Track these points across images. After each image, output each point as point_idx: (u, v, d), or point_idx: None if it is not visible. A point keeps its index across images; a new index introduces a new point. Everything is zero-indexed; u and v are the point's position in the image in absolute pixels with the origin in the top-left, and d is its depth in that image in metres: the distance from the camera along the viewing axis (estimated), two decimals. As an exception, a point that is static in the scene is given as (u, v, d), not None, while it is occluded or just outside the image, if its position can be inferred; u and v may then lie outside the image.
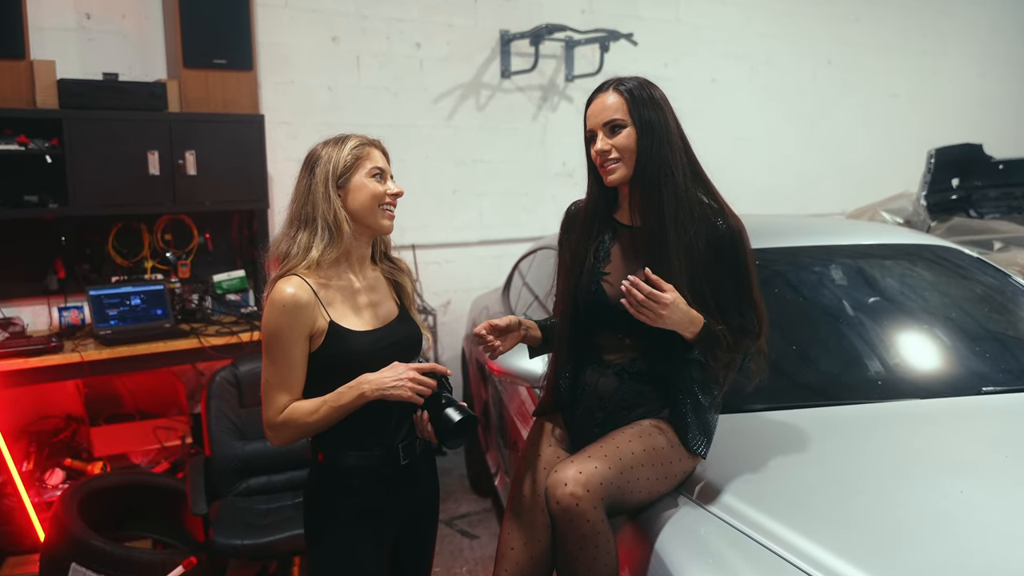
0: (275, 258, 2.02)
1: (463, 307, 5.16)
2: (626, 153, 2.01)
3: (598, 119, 2.03)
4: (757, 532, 1.80)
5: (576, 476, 1.87)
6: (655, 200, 1.99)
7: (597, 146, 2.03)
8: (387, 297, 2.11)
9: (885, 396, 2.49)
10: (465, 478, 4.73)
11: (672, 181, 1.99)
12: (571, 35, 5.53)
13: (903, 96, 7.56)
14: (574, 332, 2.16)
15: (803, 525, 1.79)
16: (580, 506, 1.84)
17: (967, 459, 2.11)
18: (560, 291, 2.21)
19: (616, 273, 2.09)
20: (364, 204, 1.98)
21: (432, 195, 5.30)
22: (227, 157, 4.32)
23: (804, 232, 3.34)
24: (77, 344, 3.94)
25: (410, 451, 2.08)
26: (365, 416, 1.97)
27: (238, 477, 3.45)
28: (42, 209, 4.00)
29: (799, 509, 1.87)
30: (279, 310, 1.91)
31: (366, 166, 1.99)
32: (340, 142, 2.01)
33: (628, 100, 2.00)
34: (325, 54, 4.91)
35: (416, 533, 2.19)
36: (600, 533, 1.86)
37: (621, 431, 2.02)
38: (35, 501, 3.81)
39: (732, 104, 6.50)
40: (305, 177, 2.00)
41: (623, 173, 2.03)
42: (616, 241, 2.13)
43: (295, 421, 1.94)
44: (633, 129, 2.00)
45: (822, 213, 6.89)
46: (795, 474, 2.03)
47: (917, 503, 1.88)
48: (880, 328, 2.84)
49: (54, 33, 4.21)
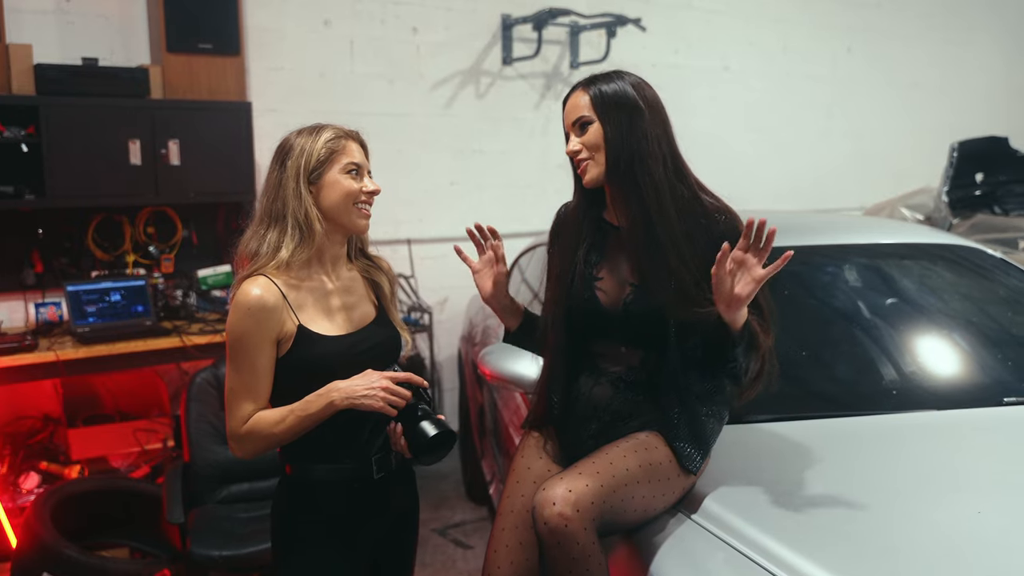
0: (244, 256, 1.89)
1: (460, 304, 4.97)
2: (596, 150, 1.92)
3: (569, 119, 1.97)
4: (759, 554, 1.67)
5: (565, 495, 1.75)
6: (633, 194, 1.89)
7: (568, 146, 1.96)
8: (363, 299, 1.98)
9: (899, 407, 2.36)
10: (461, 484, 4.55)
11: (647, 173, 1.87)
12: (576, 20, 5.32)
13: (926, 86, 7.32)
14: (568, 342, 2.03)
15: (808, 547, 1.66)
16: (569, 527, 1.73)
17: (985, 476, 1.98)
18: (549, 299, 2.08)
19: (609, 279, 1.99)
20: (337, 203, 1.86)
21: (429, 187, 5.11)
22: (212, 146, 4.15)
23: (816, 230, 3.18)
24: (53, 342, 3.79)
25: (385, 464, 1.95)
26: (336, 426, 1.84)
27: (218, 484, 3.32)
28: (18, 200, 3.84)
29: (804, 529, 1.75)
30: (243, 312, 1.79)
31: (341, 161, 1.86)
32: (314, 132, 1.87)
33: (594, 95, 1.92)
34: (316, 39, 4.71)
35: (393, 550, 2.06)
36: (591, 556, 1.75)
37: (615, 445, 1.89)
38: (8, 506, 3.67)
39: (746, 93, 6.29)
40: (276, 170, 1.87)
41: (596, 172, 1.93)
42: (607, 244, 2.02)
43: (260, 432, 1.82)
44: (598, 124, 1.90)
45: (840, 208, 6.69)
46: (801, 491, 1.90)
47: (931, 524, 1.76)
48: (895, 333, 2.70)
49: (31, 16, 4.04)
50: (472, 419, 4.19)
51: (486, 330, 3.93)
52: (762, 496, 1.88)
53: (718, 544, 1.74)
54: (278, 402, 1.84)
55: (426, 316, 4.91)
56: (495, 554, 1.95)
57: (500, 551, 1.94)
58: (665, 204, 1.88)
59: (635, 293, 1.93)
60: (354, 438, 1.89)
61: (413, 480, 2.10)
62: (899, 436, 2.18)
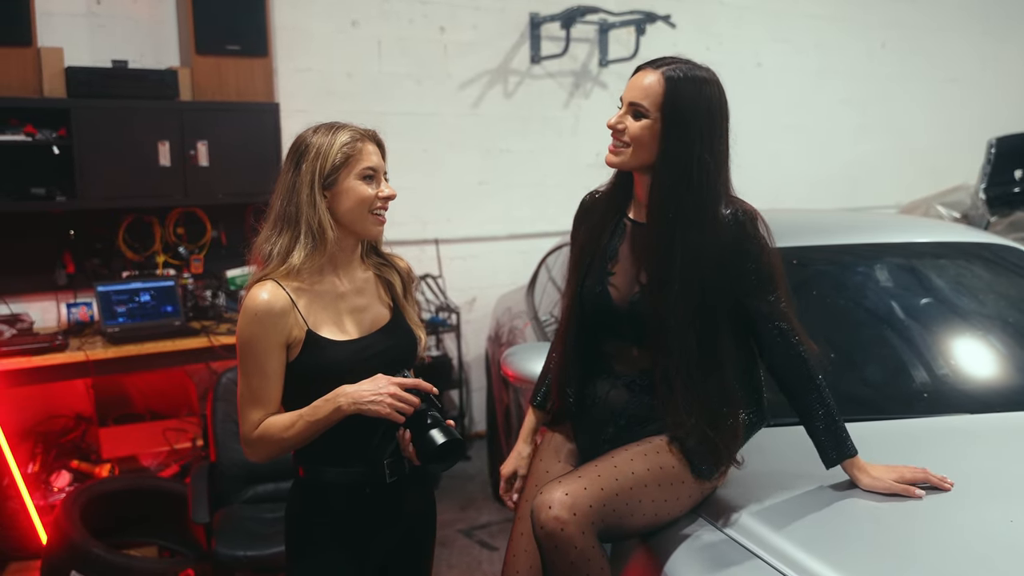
0: (258, 259, 1.86)
1: (489, 305, 4.95)
2: (636, 144, 1.83)
3: (628, 94, 1.85)
4: (781, 561, 1.62)
5: (562, 499, 1.72)
6: (670, 203, 1.82)
7: (612, 119, 1.86)
8: (376, 301, 1.94)
9: (931, 410, 2.29)
10: (488, 485, 4.53)
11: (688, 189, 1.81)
12: (605, 17, 5.27)
13: (964, 80, 7.18)
14: (578, 336, 2.00)
15: (832, 554, 1.61)
16: (566, 531, 1.69)
17: (1020, 483, 1.90)
18: (566, 286, 2.04)
19: (622, 275, 1.93)
20: (352, 209, 1.82)
21: (457, 187, 5.09)
22: (240, 147, 4.17)
23: (848, 229, 3.12)
24: (84, 342, 3.83)
25: (398, 468, 1.91)
26: (348, 430, 1.82)
27: (244, 484, 3.32)
28: (50, 202, 3.89)
29: (826, 536, 1.69)
30: (251, 318, 1.77)
31: (357, 166, 1.82)
32: (331, 132, 1.82)
33: (666, 90, 1.80)
34: (344, 39, 4.72)
35: (407, 554, 2.03)
36: (590, 560, 1.71)
37: (624, 448, 1.85)
38: (40, 504, 3.71)
39: (779, 90, 6.21)
40: (291, 171, 1.82)
41: (624, 160, 1.86)
42: (625, 239, 1.95)
43: (271, 437, 1.79)
44: (654, 124, 1.81)
45: (876, 206, 6.59)
46: (826, 496, 1.84)
47: (960, 532, 1.69)
48: (928, 334, 2.63)
49: (63, 19, 4.09)
50: (499, 420, 4.17)
51: (512, 330, 3.90)
52: (786, 501, 1.83)
53: (737, 549, 1.70)
54: (290, 407, 1.82)
55: (454, 316, 4.90)
56: (514, 558, 1.93)
57: (519, 555, 1.92)
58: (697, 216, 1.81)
59: (642, 292, 1.88)
60: (365, 442, 1.87)
61: (430, 483, 2.07)
62: (930, 441, 2.12)
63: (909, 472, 1.82)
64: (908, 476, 1.82)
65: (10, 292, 4.03)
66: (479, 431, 5.17)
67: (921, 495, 1.78)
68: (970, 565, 1.58)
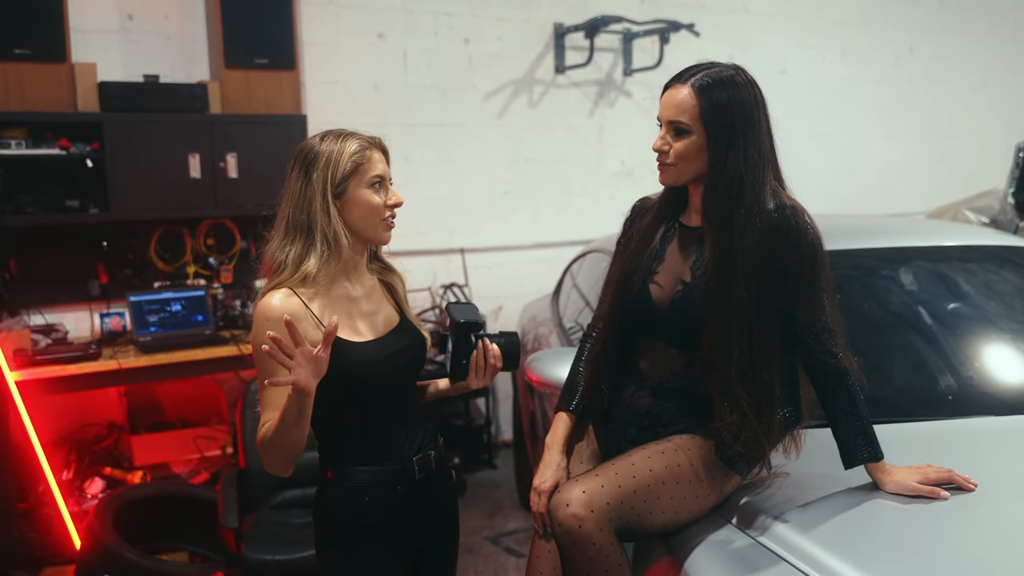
0: (269, 268, 1.87)
1: (515, 313, 4.96)
2: (682, 161, 1.86)
3: (664, 113, 1.87)
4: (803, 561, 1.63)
5: (579, 496, 1.74)
6: (724, 216, 1.83)
7: (656, 142, 1.88)
8: (384, 303, 1.98)
9: (956, 412, 2.29)
10: (515, 493, 4.54)
11: (742, 196, 1.81)
12: (629, 27, 5.30)
13: (993, 85, 7.11)
14: (619, 334, 2.01)
15: (854, 555, 1.61)
16: (583, 528, 1.72)
17: None
18: (607, 285, 2.06)
19: (666, 274, 1.94)
20: (363, 218, 1.85)
21: (482, 196, 5.13)
22: (269, 159, 4.21)
23: (875, 233, 3.12)
24: (116, 351, 3.89)
25: (425, 464, 1.95)
26: (376, 430, 1.87)
27: (273, 490, 3.34)
28: (83, 214, 3.98)
29: (851, 537, 1.69)
30: (263, 326, 1.77)
31: (366, 174, 1.84)
32: (339, 140, 1.84)
33: (700, 102, 1.81)
34: (370, 52, 4.78)
35: (437, 548, 2.07)
36: (609, 557, 1.73)
37: (643, 447, 1.86)
38: (74, 511, 3.77)
39: (804, 98, 6.18)
40: (299, 180, 1.83)
41: (675, 177, 1.89)
42: (674, 241, 1.97)
43: (264, 440, 1.78)
44: (698, 137, 1.83)
45: (905, 212, 6.52)
46: (850, 499, 1.84)
47: (985, 532, 1.69)
48: (954, 338, 2.61)
49: (96, 35, 4.18)
50: (524, 427, 4.18)
51: (537, 338, 3.92)
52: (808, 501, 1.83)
53: (758, 549, 1.70)
54: (316, 420, 1.82)
55: (480, 325, 4.92)
56: (537, 560, 1.94)
57: (542, 556, 1.93)
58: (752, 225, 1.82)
59: (685, 290, 1.89)
60: (392, 440, 1.90)
61: (451, 478, 2.11)
62: (955, 442, 2.12)
63: (934, 472, 1.82)
64: (933, 476, 1.81)
65: (45, 302, 4.12)
66: (506, 439, 5.18)
67: (946, 496, 1.77)
68: (996, 565, 1.57)
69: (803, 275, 1.84)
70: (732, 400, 1.81)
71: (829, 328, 1.84)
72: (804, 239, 1.83)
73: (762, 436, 1.82)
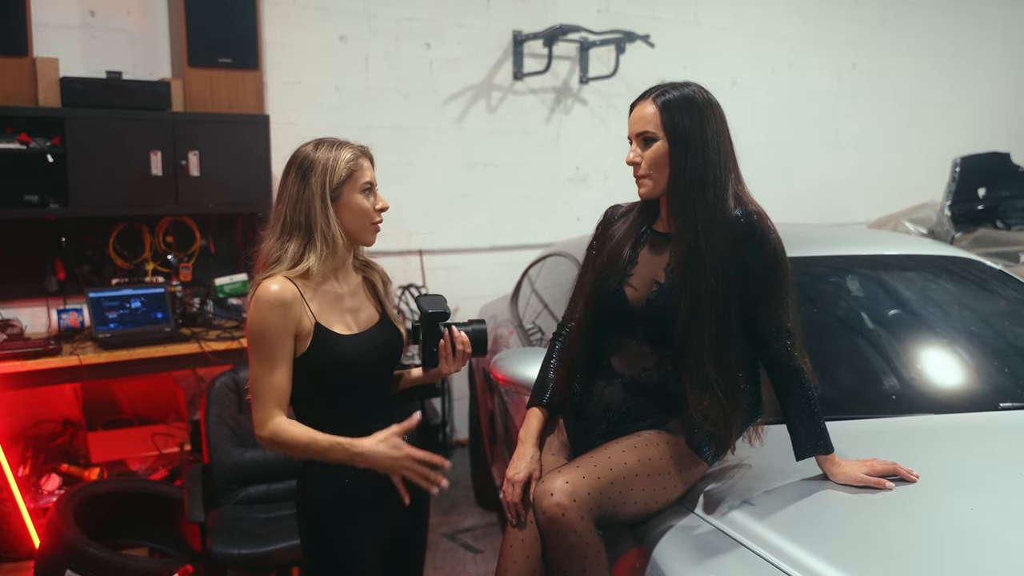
0: (263, 262, 2.01)
1: (472, 314, 5.03)
2: (655, 168, 1.99)
3: (633, 128, 2.02)
4: (760, 546, 1.75)
5: (563, 486, 1.85)
6: (689, 215, 1.96)
7: (629, 156, 2.02)
8: (366, 301, 2.12)
9: (899, 411, 2.43)
10: (471, 491, 4.62)
11: (704, 198, 1.95)
12: (586, 36, 5.42)
13: (931, 102, 7.39)
14: (592, 334, 2.12)
15: (807, 539, 1.74)
16: (566, 516, 1.82)
17: (979, 476, 2.04)
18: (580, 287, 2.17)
19: (640, 278, 2.06)
20: (354, 221, 2.01)
21: (440, 199, 5.20)
22: (231, 158, 4.25)
23: (822, 241, 3.25)
24: (76, 347, 3.87)
25: None
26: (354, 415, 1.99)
27: (237, 485, 3.39)
28: (43, 209, 3.95)
29: (804, 523, 1.83)
30: (265, 307, 1.90)
31: (359, 181, 2.00)
32: (333, 148, 1.99)
33: (663, 111, 1.97)
34: (333, 54, 4.83)
35: (408, 536, 2.19)
36: (589, 544, 1.84)
37: (617, 441, 1.99)
38: (31, 507, 3.75)
39: (753, 108, 6.35)
40: (297, 183, 1.97)
41: (651, 188, 2.02)
42: (646, 246, 2.10)
43: (282, 444, 1.93)
44: (664, 142, 1.96)
45: (847, 222, 6.74)
46: (802, 488, 1.98)
47: (926, 520, 1.83)
48: (896, 341, 2.76)
49: (58, 30, 4.16)
50: (483, 427, 4.26)
51: (497, 339, 4.00)
52: (764, 492, 1.95)
53: (720, 536, 1.82)
54: (300, 401, 1.96)
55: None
56: (511, 549, 2.01)
57: (515, 545, 2.00)
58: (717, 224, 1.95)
59: (659, 291, 2.01)
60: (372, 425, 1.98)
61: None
62: (897, 438, 2.24)
63: (880, 464, 1.96)
64: (879, 468, 1.95)
65: (0, 298, 4.08)
66: (461, 439, 5.26)
67: (891, 487, 1.91)
68: (932, 548, 1.71)
69: (766, 278, 1.97)
70: (704, 382, 1.92)
71: (788, 329, 1.98)
72: (767, 243, 1.97)
73: (731, 416, 1.94)
